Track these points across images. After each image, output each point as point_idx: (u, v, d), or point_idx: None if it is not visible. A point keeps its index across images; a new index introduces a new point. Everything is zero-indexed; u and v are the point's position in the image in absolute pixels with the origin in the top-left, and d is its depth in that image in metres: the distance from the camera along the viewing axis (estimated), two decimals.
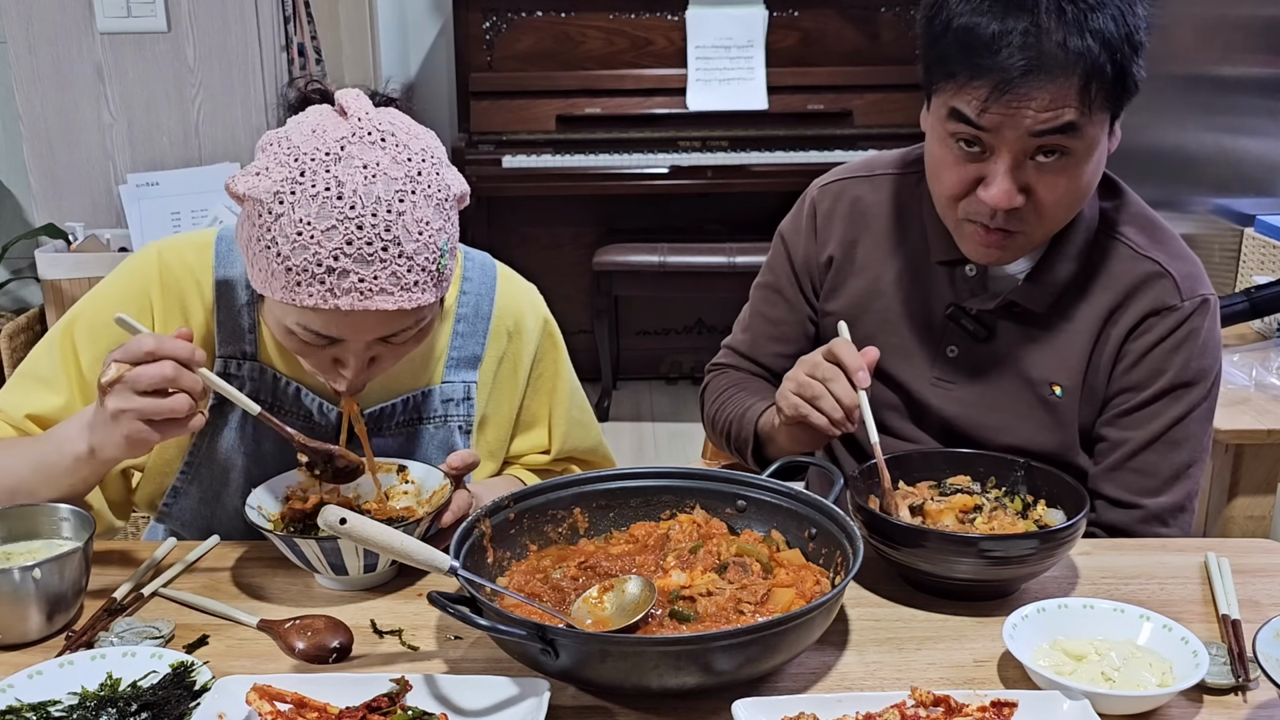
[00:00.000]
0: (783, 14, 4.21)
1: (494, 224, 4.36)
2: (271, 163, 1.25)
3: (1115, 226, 1.54)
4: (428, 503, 1.40)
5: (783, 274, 1.71)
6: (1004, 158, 1.37)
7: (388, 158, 1.24)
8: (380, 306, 1.25)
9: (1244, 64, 3.16)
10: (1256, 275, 2.94)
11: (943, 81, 1.38)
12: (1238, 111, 3.18)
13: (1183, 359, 1.50)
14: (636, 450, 4.17)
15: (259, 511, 1.35)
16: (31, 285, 3.84)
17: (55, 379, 1.45)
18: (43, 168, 3.31)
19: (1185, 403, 1.50)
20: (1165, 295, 1.50)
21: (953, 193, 1.43)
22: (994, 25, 1.32)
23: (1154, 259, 1.51)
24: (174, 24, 3.22)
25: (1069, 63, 1.31)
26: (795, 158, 4.07)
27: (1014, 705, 1.08)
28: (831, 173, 1.70)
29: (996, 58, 1.31)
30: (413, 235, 1.24)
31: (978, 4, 1.34)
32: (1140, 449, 1.51)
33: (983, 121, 1.35)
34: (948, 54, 1.36)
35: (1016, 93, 1.32)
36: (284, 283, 1.25)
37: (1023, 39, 1.31)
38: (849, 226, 1.64)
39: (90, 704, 1.10)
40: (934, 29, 1.38)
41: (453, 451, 1.51)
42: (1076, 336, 1.53)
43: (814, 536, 1.31)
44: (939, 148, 1.44)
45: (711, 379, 1.80)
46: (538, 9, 4.20)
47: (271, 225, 1.23)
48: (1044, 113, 1.33)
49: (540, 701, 1.07)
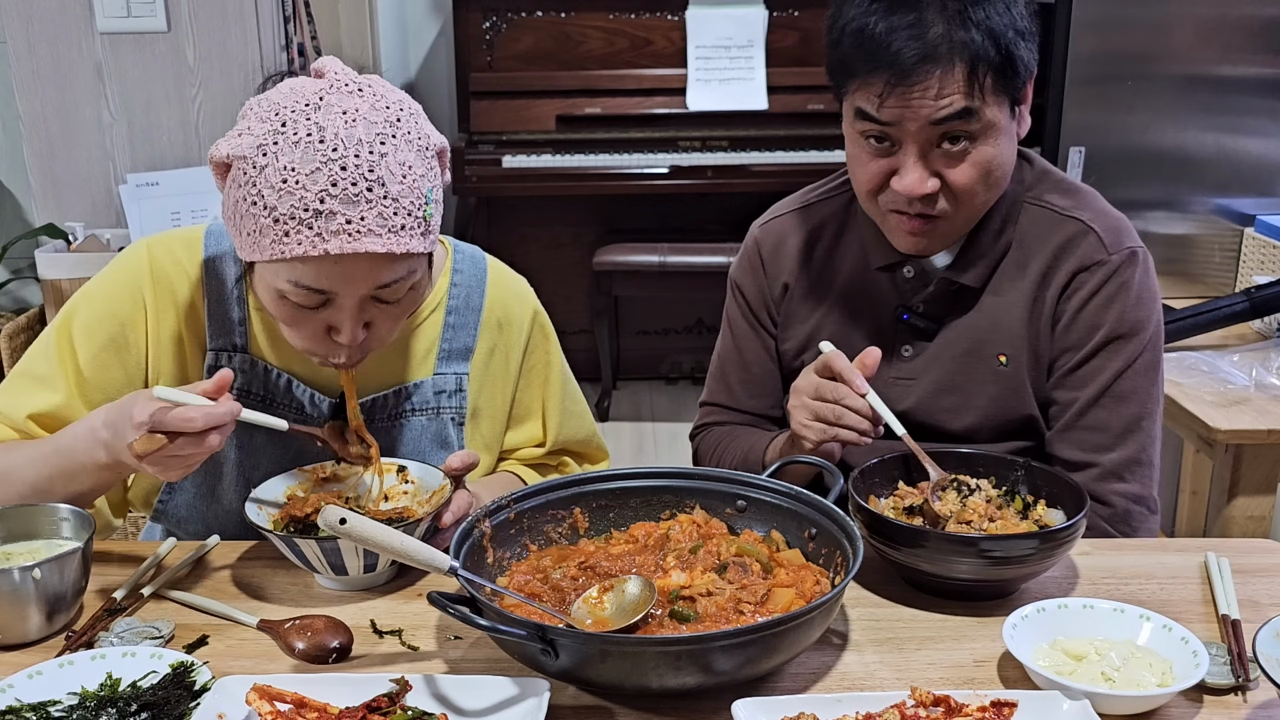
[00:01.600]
0: (783, 14, 4.21)
1: (494, 224, 4.36)
2: (252, 121, 1.27)
3: (1036, 194, 1.60)
4: (427, 502, 1.40)
5: (743, 315, 1.75)
6: (910, 148, 1.44)
7: (366, 105, 1.26)
8: (370, 249, 1.25)
9: (1244, 64, 3.16)
10: (1256, 275, 2.95)
11: (846, 82, 1.47)
12: (1238, 111, 3.18)
13: (1117, 312, 1.54)
14: (636, 450, 4.17)
15: (259, 511, 1.35)
16: (31, 285, 3.84)
17: (53, 377, 1.45)
18: (43, 168, 3.31)
19: (1125, 355, 1.54)
20: (1091, 251, 1.55)
21: (870, 187, 1.51)
22: (882, 23, 1.41)
23: (1076, 218, 1.57)
24: (174, 24, 3.22)
25: (954, 51, 1.39)
26: (795, 158, 4.07)
27: (1014, 705, 1.08)
28: (769, 212, 1.77)
29: (888, 51, 1.40)
30: (396, 177, 1.26)
31: (868, 6, 1.43)
32: (1088, 406, 1.55)
33: (883, 115, 1.43)
34: (847, 55, 1.45)
35: (909, 81, 1.39)
36: (273, 236, 1.25)
37: (909, 31, 1.39)
38: (793, 257, 1.70)
39: (90, 704, 1.10)
40: (834, 35, 1.48)
41: (446, 443, 1.52)
42: (1013, 305, 1.57)
43: (814, 536, 1.31)
44: (853, 147, 1.52)
45: (700, 441, 1.82)
46: (538, 9, 4.19)
47: (257, 179, 1.25)
48: (939, 99, 1.40)
49: (540, 701, 1.07)
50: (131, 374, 1.47)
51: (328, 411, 1.48)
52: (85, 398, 1.45)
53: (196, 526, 1.52)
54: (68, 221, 3.29)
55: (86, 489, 1.37)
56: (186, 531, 1.53)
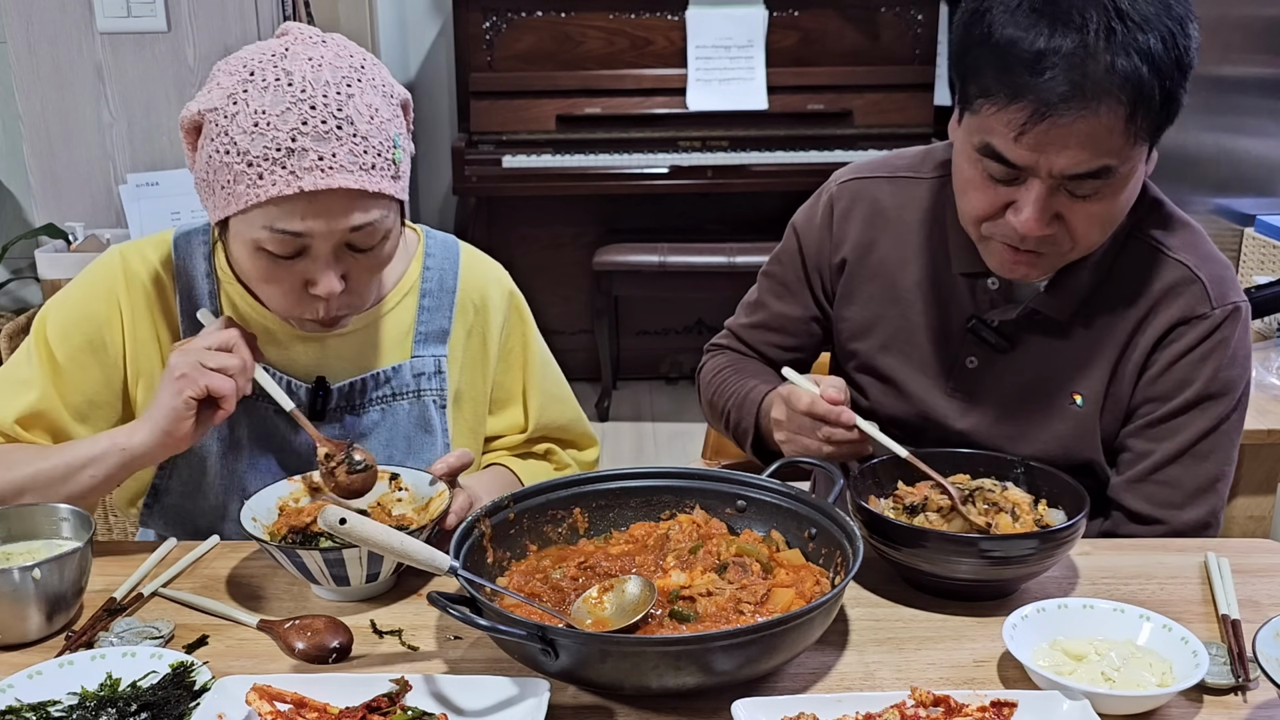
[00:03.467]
0: (783, 14, 4.21)
1: (494, 224, 4.36)
2: (221, 77, 1.33)
3: (1143, 227, 1.48)
4: (424, 509, 1.39)
5: (791, 267, 1.67)
6: (1035, 186, 1.31)
7: (330, 52, 1.32)
8: (343, 184, 1.28)
9: (1244, 64, 3.16)
10: (1256, 275, 2.95)
11: (978, 99, 1.30)
12: (1238, 111, 3.18)
13: (1211, 369, 1.45)
14: (636, 450, 4.17)
15: (255, 524, 1.33)
16: (31, 285, 3.84)
17: (34, 378, 1.47)
18: (43, 168, 3.31)
19: (1213, 415, 1.46)
20: (1195, 303, 1.45)
21: (979, 214, 1.38)
22: (1039, 42, 1.24)
23: (1184, 262, 1.46)
24: (174, 24, 3.22)
25: (1114, 90, 1.23)
26: (795, 158, 4.07)
27: (1014, 705, 1.08)
28: (851, 169, 1.65)
29: (1039, 79, 1.24)
30: (364, 116, 1.30)
31: (1024, 17, 1.26)
32: (1166, 462, 1.47)
33: (1014, 157, 1.29)
34: (985, 67, 1.28)
35: (1056, 121, 1.24)
36: (248, 181, 1.29)
37: (1068, 60, 1.23)
38: (866, 229, 1.59)
39: (90, 704, 1.10)
40: (972, 36, 1.30)
41: (429, 427, 1.53)
42: (1101, 344, 1.48)
43: (814, 536, 1.31)
44: (968, 167, 1.37)
45: (709, 359, 1.77)
46: (538, 9, 4.19)
47: (229, 127, 1.29)
48: (1081, 150, 1.26)
49: (540, 701, 1.07)
50: (110, 375, 1.48)
51: (305, 398, 1.50)
52: (63, 396, 1.46)
53: (185, 528, 1.53)
54: (68, 221, 3.29)
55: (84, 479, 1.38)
56: (175, 534, 1.53)
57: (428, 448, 1.54)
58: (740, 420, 1.63)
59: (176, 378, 1.33)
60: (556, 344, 1.74)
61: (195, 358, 1.34)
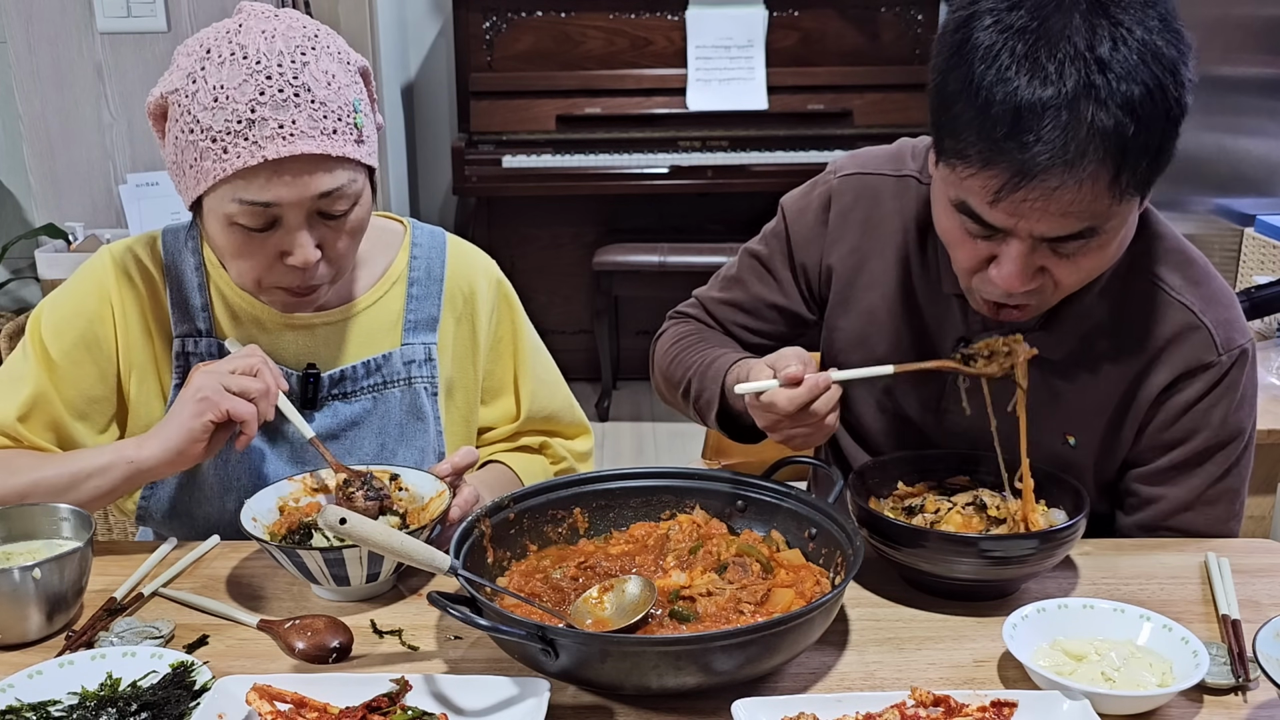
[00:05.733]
0: (783, 14, 4.21)
1: (494, 224, 4.36)
2: (180, 59, 1.36)
3: (1145, 264, 1.40)
4: (424, 510, 1.39)
5: (778, 251, 1.58)
6: (1015, 244, 1.22)
7: (284, 24, 1.34)
8: (305, 149, 1.30)
9: (1244, 64, 3.16)
10: (1256, 275, 2.94)
11: (952, 158, 1.21)
12: (1238, 111, 3.18)
13: (1220, 415, 1.41)
14: (636, 450, 4.17)
15: (254, 524, 1.33)
16: (31, 285, 3.84)
17: (32, 376, 1.47)
18: (43, 168, 3.31)
19: (1221, 461, 1.43)
20: (1202, 351, 1.39)
21: (967, 268, 1.31)
22: (1018, 96, 1.13)
23: (1188, 305, 1.39)
24: (174, 24, 3.22)
25: (1098, 149, 1.13)
26: (795, 158, 4.07)
27: (1014, 705, 1.08)
28: (855, 160, 1.54)
29: (1013, 144, 1.14)
30: (321, 84, 1.32)
31: (1000, 72, 1.14)
32: (1177, 510, 1.45)
33: (991, 219, 1.21)
34: (959, 124, 1.18)
35: (1032, 190, 1.15)
36: (213, 157, 1.31)
37: (1045, 121, 1.12)
38: (862, 235, 1.51)
39: (90, 704, 1.10)
40: (948, 89, 1.20)
41: (421, 415, 1.54)
42: (1101, 389, 1.42)
43: (814, 536, 1.31)
44: (946, 219, 1.29)
45: (670, 326, 1.67)
46: (538, 9, 4.20)
47: (190, 105, 1.32)
48: (1063, 216, 1.17)
49: (540, 701, 1.07)
50: (104, 369, 1.49)
51: (295, 386, 1.50)
52: (61, 394, 1.47)
53: (181, 525, 1.53)
54: (68, 221, 3.29)
55: (91, 488, 1.38)
56: (173, 530, 1.53)
57: (420, 435, 1.55)
58: (703, 390, 1.52)
59: (198, 399, 1.33)
60: (556, 344, 1.74)
61: (218, 380, 1.34)
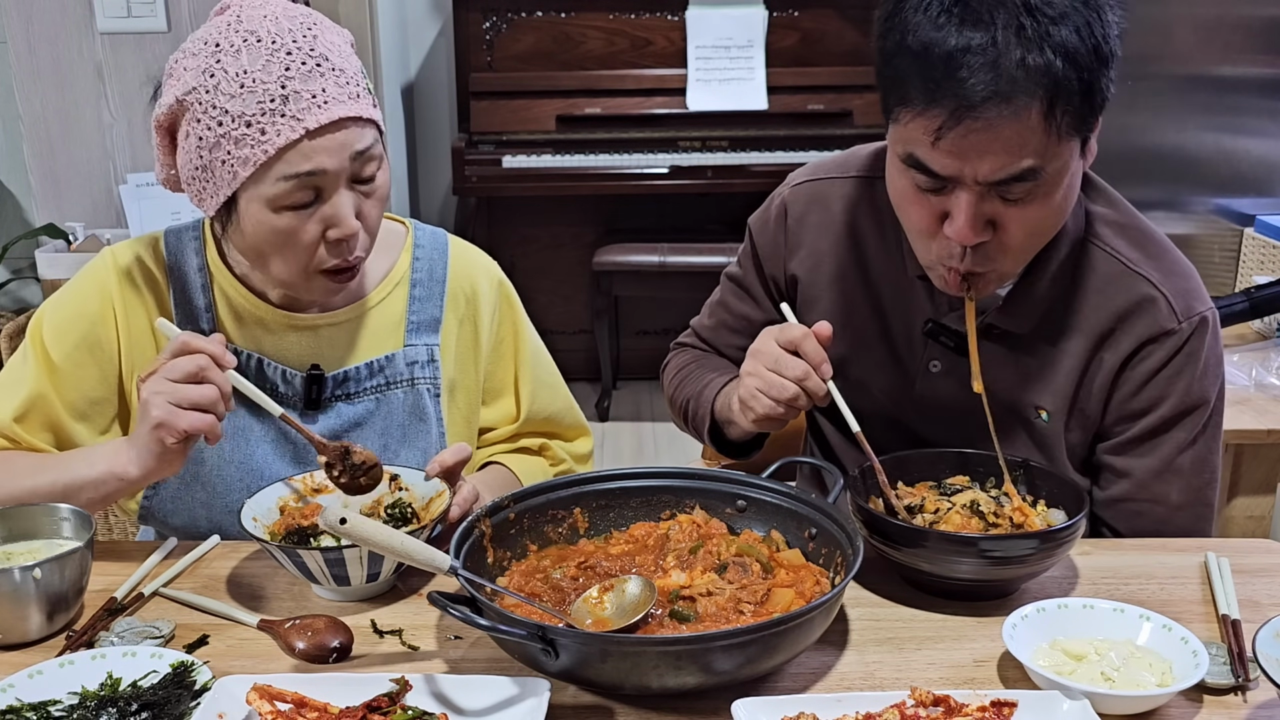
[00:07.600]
0: (783, 14, 4.21)
1: (494, 224, 4.36)
2: (185, 63, 1.36)
3: (1102, 238, 1.46)
4: (425, 509, 1.39)
5: (750, 269, 1.67)
6: (964, 194, 1.28)
7: (277, 7, 1.37)
8: (339, 114, 1.33)
9: (1244, 64, 3.16)
10: (1256, 275, 2.94)
11: (896, 108, 1.29)
12: (1238, 111, 3.19)
13: (1184, 384, 1.43)
14: (636, 450, 4.17)
15: (255, 524, 1.33)
16: (31, 285, 3.84)
17: (32, 378, 1.47)
18: (43, 168, 3.31)
19: (1189, 428, 1.45)
20: (1161, 319, 1.42)
21: (920, 228, 1.36)
22: (951, 40, 1.22)
23: (1146, 276, 1.43)
24: (174, 24, 3.22)
25: (1030, 83, 1.21)
26: (795, 158, 4.06)
27: (1014, 705, 1.09)
28: (806, 170, 1.62)
29: (951, 81, 1.22)
30: (335, 52, 1.36)
31: (934, 19, 1.24)
32: (1149, 480, 1.47)
33: (936, 165, 1.27)
34: (901, 75, 1.27)
35: (975, 122, 1.22)
36: (252, 141, 1.32)
37: (979, 60, 1.21)
38: (817, 237, 1.57)
39: (90, 704, 1.10)
40: (888, 44, 1.29)
41: (424, 416, 1.54)
42: (1064, 360, 1.46)
43: (814, 536, 1.31)
44: (899, 179, 1.35)
45: (673, 357, 1.78)
46: (538, 9, 4.20)
47: (214, 100, 1.32)
48: (1004, 155, 1.24)
49: (540, 701, 1.07)
50: (106, 371, 1.49)
51: (301, 388, 1.50)
52: (61, 396, 1.47)
53: (185, 522, 1.53)
54: (68, 221, 3.29)
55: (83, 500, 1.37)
56: (176, 528, 1.53)
57: (422, 436, 1.55)
58: (697, 410, 1.62)
59: (154, 426, 1.29)
60: (556, 344, 1.75)
61: (168, 398, 1.29)
